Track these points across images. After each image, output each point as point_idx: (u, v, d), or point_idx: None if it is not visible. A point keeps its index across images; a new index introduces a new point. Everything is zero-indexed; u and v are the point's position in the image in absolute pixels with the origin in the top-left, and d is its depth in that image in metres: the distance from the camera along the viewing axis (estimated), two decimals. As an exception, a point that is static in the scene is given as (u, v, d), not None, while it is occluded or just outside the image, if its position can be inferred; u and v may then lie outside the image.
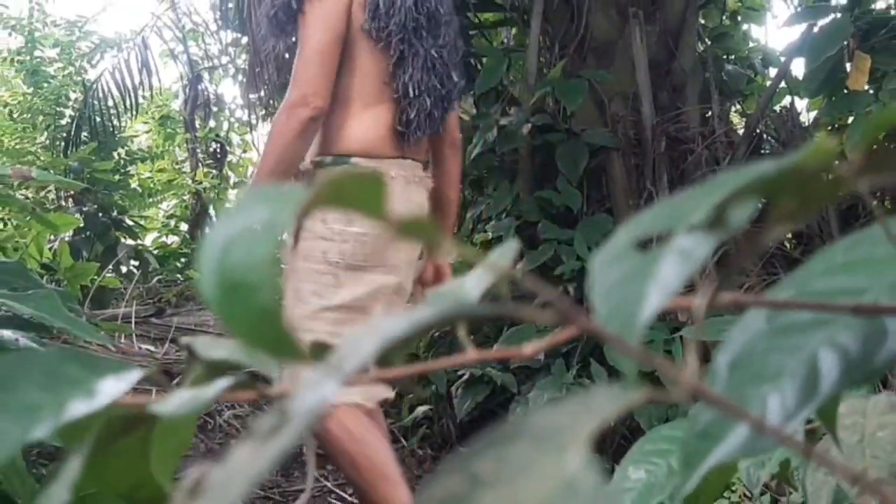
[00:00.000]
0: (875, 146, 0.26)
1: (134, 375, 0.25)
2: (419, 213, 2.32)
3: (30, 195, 5.81)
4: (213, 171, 8.27)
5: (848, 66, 3.30)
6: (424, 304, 0.25)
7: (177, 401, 0.24)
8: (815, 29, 3.37)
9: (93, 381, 0.25)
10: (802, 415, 0.30)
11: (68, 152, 6.94)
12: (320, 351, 0.23)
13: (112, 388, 0.24)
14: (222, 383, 0.24)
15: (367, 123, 2.18)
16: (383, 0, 2.15)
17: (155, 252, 6.89)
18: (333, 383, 0.21)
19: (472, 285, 0.28)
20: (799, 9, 4.64)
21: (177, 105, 8.86)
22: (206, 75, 8.36)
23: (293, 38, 2.20)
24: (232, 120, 8.68)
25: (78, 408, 0.23)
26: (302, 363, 0.23)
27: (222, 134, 8.52)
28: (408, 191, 2.24)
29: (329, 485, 3.71)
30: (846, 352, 0.31)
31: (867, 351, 0.31)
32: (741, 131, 4.07)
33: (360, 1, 2.14)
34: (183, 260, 7.08)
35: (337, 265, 2.13)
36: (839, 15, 3.32)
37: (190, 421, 0.28)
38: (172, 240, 7.86)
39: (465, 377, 3.67)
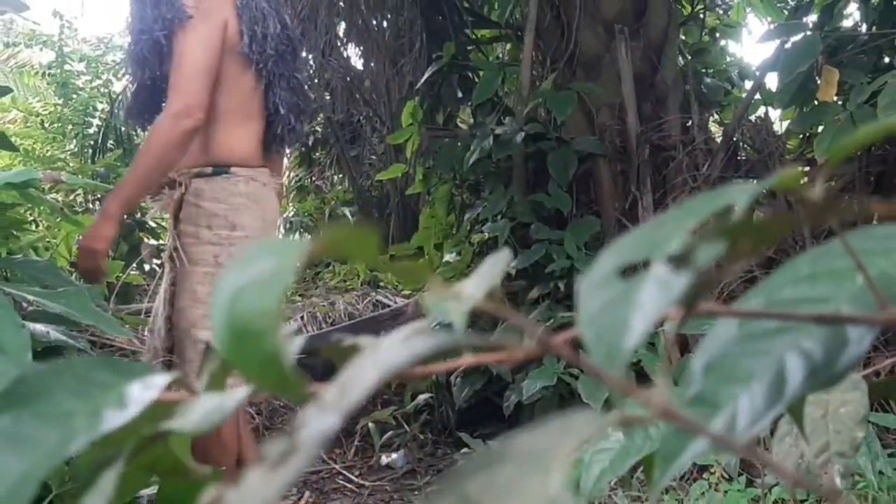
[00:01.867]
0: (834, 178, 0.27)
1: (160, 380, 0.25)
2: (277, 215, 2.42)
3: (60, 198, 5.81)
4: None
5: (818, 79, 3.30)
6: (423, 333, 0.25)
7: (199, 411, 0.24)
8: (788, 45, 3.37)
9: (122, 386, 0.25)
10: (770, 415, 0.30)
11: (95, 159, 6.94)
12: (339, 360, 0.24)
13: (140, 395, 0.24)
14: (241, 394, 0.24)
15: (243, 136, 2.24)
16: (259, 27, 2.21)
17: (176, 251, 6.88)
18: (338, 414, 0.21)
19: (467, 295, 0.28)
20: (773, 26, 4.64)
21: (196, 115, 8.85)
22: (223, 87, 8.35)
23: (155, 71, 2.20)
24: (247, 128, 8.68)
25: (111, 419, 0.23)
26: (306, 400, 0.23)
27: (238, 141, 8.52)
28: (271, 197, 2.31)
29: (337, 467, 3.72)
30: (810, 356, 0.31)
31: (830, 356, 0.31)
32: (719, 139, 4.07)
33: (234, 25, 2.18)
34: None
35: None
36: (810, 32, 3.32)
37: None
38: (192, 240, 7.84)
39: (463, 367, 3.67)
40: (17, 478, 0.22)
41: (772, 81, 3.76)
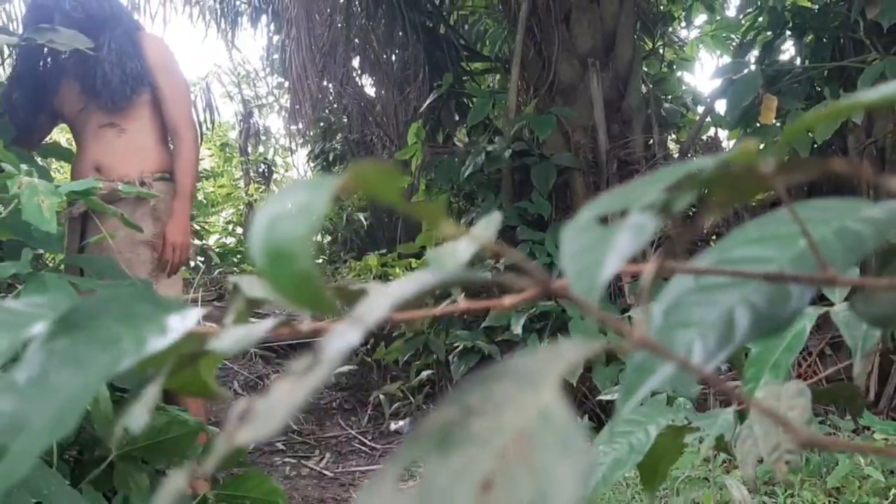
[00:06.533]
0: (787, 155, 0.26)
1: (196, 313, 0.25)
2: None
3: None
4: (262, 187, 8.28)
5: (760, 105, 3.30)
6: (428, 271, 0.25)
7: (232, 337, 0.23)
8: (735, 77, 3.37)
9: (162, 317, 0.25)
10: (720, 357, 0.29)
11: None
12: (347, 303, 0.23)
13: (179, 324, 0.24)
14: (268, 323, 0.24)
15: None
16: None
17: (217, 250, 6.88)
18: (357, 332, 0.21)
19: (463, 250, 0.28)
20: (722, 59, 4.64)
21: (233, 135, 8.86)
22: (256, 111, 8.36)
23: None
24: (277, 146, 8.68)
25: (155, 342, 0.24)
26: (333, 315, 0.23)
27: (269, 157, 8.53)
28: None
29: (353, 432, 3.71)
30: (756, 308, 0.31)
31: (773, 308, 0.31)
32: (676, 156, 4.08)
33: None
34: (238, 256, 7.06)
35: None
36: (752, 69, 3.32)
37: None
38: (230, 240, 7.83)
39: (460, 348, 3.67)
40: (75, 390, 0.22)
41: (721, 106, 3.77)
